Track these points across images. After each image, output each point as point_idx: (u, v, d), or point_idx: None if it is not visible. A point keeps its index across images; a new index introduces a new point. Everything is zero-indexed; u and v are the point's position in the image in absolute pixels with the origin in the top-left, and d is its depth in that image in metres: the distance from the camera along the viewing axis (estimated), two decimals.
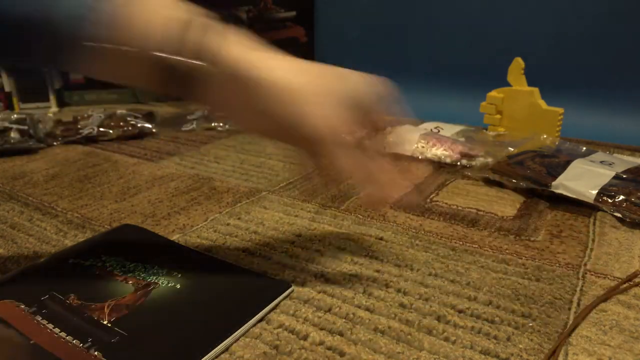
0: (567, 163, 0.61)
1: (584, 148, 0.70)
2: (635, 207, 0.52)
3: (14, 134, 0.82)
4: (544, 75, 0.89)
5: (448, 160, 0.71)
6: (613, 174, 0.58)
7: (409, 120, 0.88)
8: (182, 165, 0.73)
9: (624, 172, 0.59)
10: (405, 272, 0.43)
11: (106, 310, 0.35)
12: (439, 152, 0.72)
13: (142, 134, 0.89)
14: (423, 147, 0.74)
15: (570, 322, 0.36)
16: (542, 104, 0.81)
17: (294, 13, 1.31)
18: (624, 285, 0.41)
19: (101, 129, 0.86)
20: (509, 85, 0.85)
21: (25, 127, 0.83)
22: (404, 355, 0.32)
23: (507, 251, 0.47)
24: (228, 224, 0.52)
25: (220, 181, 0.65)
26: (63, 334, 0.32)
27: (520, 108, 0.84)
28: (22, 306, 0.35)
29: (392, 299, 0.39)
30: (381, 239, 0.49)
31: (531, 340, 0.34)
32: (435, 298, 0.39)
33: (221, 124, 0.96)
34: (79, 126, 0.87)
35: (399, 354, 0.33)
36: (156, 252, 0.44)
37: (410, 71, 1.23)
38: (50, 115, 1.04)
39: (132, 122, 0.89)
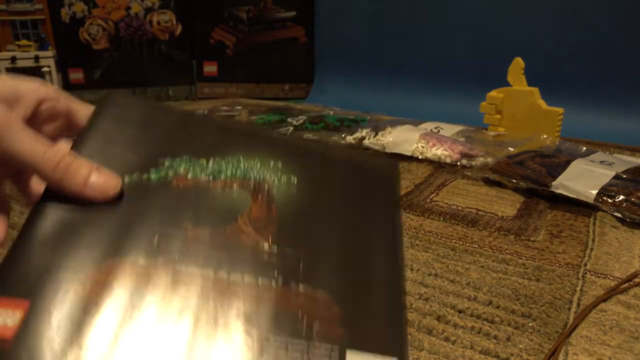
0: (567, 163, 0.61)
1: (584, 148, 0.70)
2: (635, 207, 0.52)
3: None
4: (544, 75, 0.89)
5: (448, 160, 0.71)
6: (613, 174, 0.58)
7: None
8: None
9: (624, 172, 0.59)
10: (405, 272, 0.43)
11: (249, 231, 0.26)
12: (439, 152, 0.72)
13: None
14: (423, 147, 0.74)
15: (570, 322, 0.36)
16: (542, 104, 0.81)
17: (294, 13, 1.31)
18: (624, 285, 0.41)
19: None
20: (509, 85, 0.85)
21: None
22: None
23: (507, 251, 0.46)
24: None
25: None
26: (237, 277, 0.24)
27: (520, 108, 0.84)
28: (142, 261, 0.24)
29: None
30: None
31: (531, 340, 0.34)
32: (435, 298, 0.39)
33: None
34: None
35: None
36: (219, 137, 0.31)
37: (411, 71, 1.23)
38: None
39: None
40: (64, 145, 0.29)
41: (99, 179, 0.25)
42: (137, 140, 0.29)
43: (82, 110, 0.29)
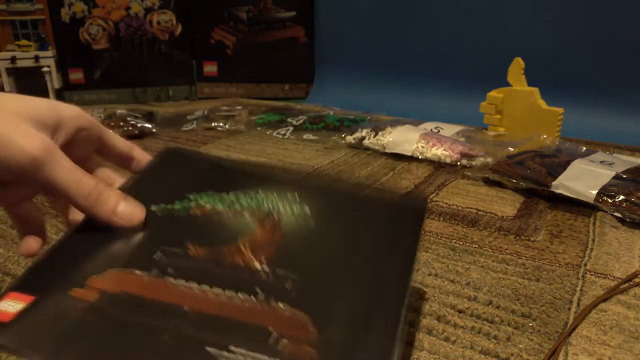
0: (567, 163, 0.61)
1: (584, 148, 0.70)
2: (635, 207, 0.52)
3: None
4: (544, 75, 0.89)
5: (448, 160, 0.71)
6: (613, 174, 0.58)
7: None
8: None
9: (624, 172, 0.59)
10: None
11: (246, 252, 0.27)
12: (439, 152, 0.72)
13: (142, 134, 0.89)
14: (423, 147, 0.74)
15: (570, 322, 0.36)
16: (542, 104, 0.81)
17: (294, 13, 1.31)
18: (624, 285, 0.41)
19: None
20: (509, 85, 0.85)
21: None
22: (404, 356, 0.32)
23: (507, 251, 0.46)
24: None
25: None
26: (218, 291, 0.25)
27: (520, 108, 0.84)
28: (137, 272, 0.26)
29: None
30: None
31: (531, 340, 0.34)
32: (435, 298, 0.39)
33: (221, 124, 0.96)
34: None
35: None
36: (246, 176, 0.34)
37: (411, 71, 1.23)
38: None
39: (132, 122, 0.89)
40: (101, 174, 0.33)
41: (125, 208, 0.28)
42: (173, 180, 0.34)
43: (111, 139, 0.33)
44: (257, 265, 0.27)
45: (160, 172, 0.35)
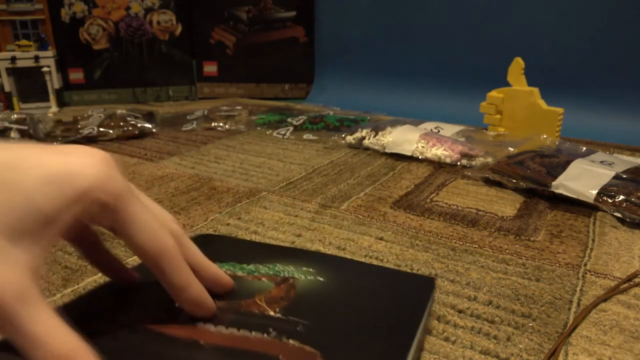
0: (567, 163, 0.61)
1: (584, 148, 0.70)
2: (635, 207, 0.52)
3: (14, 134, 0.82)
4: (544, 75, 0.89)
5: (448, 160, 0.71)
6: (613, 174, 0.58)
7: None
8: (182, 165, 0.73)
9: (624, 172, 0.59)
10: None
11: (261, 304, 0.29)
12: (439, 152, 0.72)
13: (142, 134, 0.89)
14: (423, 147, 0.74)
15: (570, 322, 0.36)
16: (542, 104, 0.81)
17: (294, 13, 1.31)
18: (624, 285, 0.41)
19: (101, 129, 0.86)
20: (509, 85, 0.85)
21: (25, 127, 0.83)
22: None
23: (507, 251, 0.46)
24: (228, 224, 0.52)
25: (220, 181, 0.65)
26: (233, 330, 0.27)
27: (520, 108, 0.84)
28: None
29: None
30: (381, 239, 0.49)
31: (531, 340, 0.34)
32: (435, 298, 0.39)
33: (221, 124, 0.96)
34: (79, 126, 0.87)
35: None
36: (267, 252, 0.37)
37: (411, 71, 1.23)
38: (50, 115, 1.05)
39: (132, 122, 0.89)
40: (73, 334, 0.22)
41: None
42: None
43: (133, 236, 0.25)
44: (271, 313, 0.29)
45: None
